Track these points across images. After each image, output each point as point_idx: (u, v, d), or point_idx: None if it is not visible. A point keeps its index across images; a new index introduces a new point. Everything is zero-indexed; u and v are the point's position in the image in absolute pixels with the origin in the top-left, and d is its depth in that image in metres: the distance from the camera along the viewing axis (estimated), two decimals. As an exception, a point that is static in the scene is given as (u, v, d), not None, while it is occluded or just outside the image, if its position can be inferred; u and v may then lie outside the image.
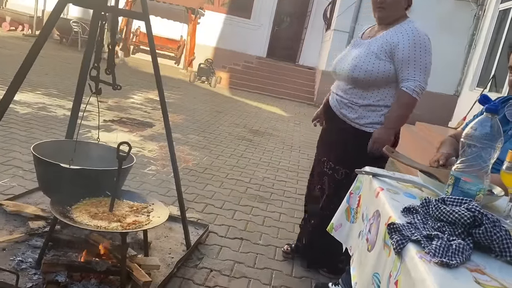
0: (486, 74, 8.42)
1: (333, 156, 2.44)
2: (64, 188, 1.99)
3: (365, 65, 2.20)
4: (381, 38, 2.22)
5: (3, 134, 3.92)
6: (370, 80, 2.22)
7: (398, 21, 2.23)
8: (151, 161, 4.09)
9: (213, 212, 3.20)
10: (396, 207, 1.12)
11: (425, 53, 2.14)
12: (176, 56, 14.18)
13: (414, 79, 2.14)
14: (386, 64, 2.18)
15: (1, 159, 3.38)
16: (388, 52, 2.18)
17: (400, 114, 2.21)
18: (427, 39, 2.17)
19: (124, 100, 6.79)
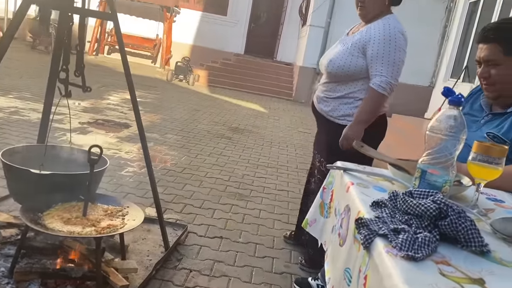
0: (459, 65, 8.58)
1: (320, 149, 2.55)
2: (35, 194, 1.95)
3: (338, 60, 2.27)
4: (357, 35, 2.28)
5: (-27, 141, 3.82)
6: (342, 75, 2.27)
7: (378, 17, 2.27)
8: (128, 162, 4.03)
9: (192, 212, 3.18)
10: (366, 201, 1.12)
11: (395, 49, 2.17)
12: (153, 55, 14.04)
13: (381, 74, 2.17)
14: (358, 60, 2.23)
15: (-28, 166, 3.29)
16: (361, 48, 2.22)
17: (367, 109, 2.24)
18: (400, 35, 2.19)
19: (100, 101, 6.69)
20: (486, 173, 1.15)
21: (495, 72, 1.54)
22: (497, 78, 1.55)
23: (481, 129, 1.63)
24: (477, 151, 1.14)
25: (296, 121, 8.32)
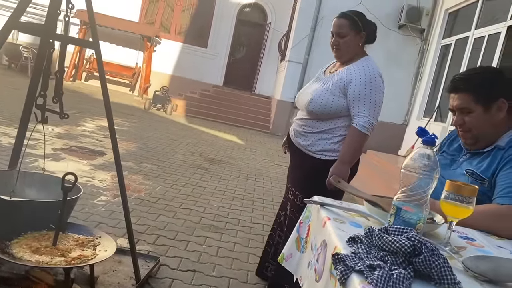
0: (431, 104, 8.87)
1: (294, 182, 2.55)
2: (4, 221, 1.88)
3: (320, 99, 2.32)
4: (338, 75, 2.35)
5: None
6: (324, 113, 2.33)
7: (355, 58, 2.36)
8: (101, 191, 3.95)
9: (165, 243, 3.12)
10: (342, 236, 1.13)
11: (376, 91, 2.26)
12: (131, 84, 14.03)
13: (364, 115, 2.24)
14: (339, 99, 2.30)
15: None
16: (342, 89, 2.29)
17: (352, 149, 2.29)
18: (379, 77, 2.29)
19: (75, 128, 6.59)
20: (458, 212, 1.18)
21: (469, 119, 1.62)
22: (471, 125, 1.62)
23: (460, 166, 1.68)
24: (449, 189, 1.18)
25: (272, 154, 8.37)
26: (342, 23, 2.34)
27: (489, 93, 1.58)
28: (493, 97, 1.58)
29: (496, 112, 1.59)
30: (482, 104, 1.59)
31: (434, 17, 9.59)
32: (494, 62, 6.17)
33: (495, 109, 1.59)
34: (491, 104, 1.58)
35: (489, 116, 1.59)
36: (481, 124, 1.61)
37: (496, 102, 1.58)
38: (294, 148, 2.53)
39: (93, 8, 2.20)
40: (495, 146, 1.61)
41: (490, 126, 1.61)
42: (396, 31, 10.48)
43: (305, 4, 10.74)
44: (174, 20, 14.29)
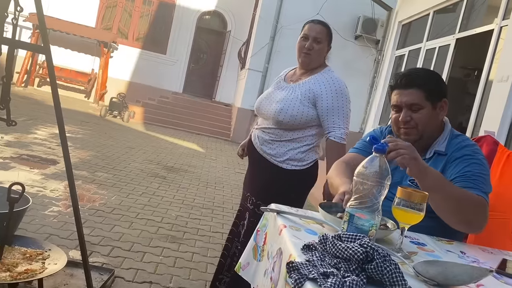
0: (386, 113, 9.16)
1: (255, 191, 2.46)
2: None
3: (290, 110, 2.28)
4: (304, 85, 2.32)
5: None
6: (294, 124, 2.30)
7: (319, 68, 2.37)
8: (53, 201, 3.80)
9: (120, 255, 3.03)
10: (297, 244, 1.13)
11: (346, 101, 2.30)
12: (87, 90, 13.63)
13: (340, 127, 2.27)
14: (309, 110, 2.29)
15: None
16: (311, 100, 2.28)
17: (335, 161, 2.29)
18: (346, 88, 2.33)
19: (26, 135, 6.32)
20: (409, 218, 1.22)
21: (417, 116, 1.63)
22: (419, 121, 1.63)
23: (404, 177, 1.70)
24: (400, 196, 1.21)
25: (233, 161, 8.36)
26: (322, 30, 2.35)
27: (437, 92, 1.64)
28: (440, 96, 1.65)
29: (439, 111, 1.66)
30: (431, 102, 1.63)
31: (388, 29, 9.94)
32: (444, 72, 6.45)
33: (439, 108, 1.65)
34: (437, 103, 1.64)
35: (435, 114, 1.65)
36: (428, 121, 1.64)
37: (441, 101, 1.65)
38: (258, 156, 2.44)
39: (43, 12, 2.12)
40: (434, 152, 1.66)
41: (433, 124, 1.66)
42: (353, 41, 10.78)
43: (265, 14, 10.86)
44: (132, 26, 14.05)
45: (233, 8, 13.88)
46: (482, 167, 1.57)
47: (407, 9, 8.61)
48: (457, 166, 1.58)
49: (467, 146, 1.63)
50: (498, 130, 4.54)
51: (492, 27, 5.43)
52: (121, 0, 13.88)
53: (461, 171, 1.55)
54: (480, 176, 1.53)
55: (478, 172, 1.53)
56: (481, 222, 1.47)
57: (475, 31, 5.94)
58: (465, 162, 1.57)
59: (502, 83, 4.81)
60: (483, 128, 4.93)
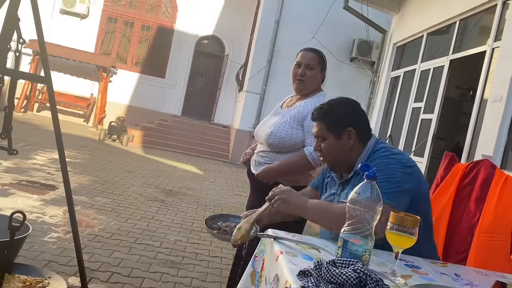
0: (383, 133, 9.23)
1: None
2: None
3: (279, 132, 2.39)
4: (296, 108, 2.44)
5: None
6: (284, 146, 2.40)
7: (312, 93, 2.47)
8: (53, 227, 3.80)
9: (120, 281, 3.02)
10: (293, 270, 1.16)
11: None
12: (86, 114, 13.72)
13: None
14: (298, 132, 2.38)
15: None
16: (299, 121, 2.39)
17: (290, 164, 2.37)
18: None
19: (25, 161, 6.35)
20: (402, 241, 1.25)
21: (324, 145, 1.79)
22: (326, 151, 1.79)
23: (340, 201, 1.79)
24: (393, 221, 1.24)
25: (232, 184, 8.37)
26: (313, 57, 2.46)
27: (339, 123, 1.76)
28: (342, 126, 1.75)
29: (346, 140, 1.76)
30: (334, 133, 1.76)
31: (383, 51, 10.10)
32: (439, 93, 6.53)
33: (345, 137, 1.76)
34: (342, 133, 1.75)
35: (341, 143, 1.76)
36: (334, 150, 1.77)
37: (345, 131, 1.75)
38: (254, 179, 2.53)
39: (44, 42, 2.18)
40: (354, 172, 1.75)
41: (342, 152, 1.77)
42: (348, 63, 10.94)
43: (261, 38, 11.06)
44: (131, 51, 14.24)
45: (230, 33, 14.11)
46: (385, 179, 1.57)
47: (401, 32, 8.77)
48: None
49: (377, 159, 1.69)
50: (493, 152, 4.58)
51: (485, 49, 5.53)
52: (120, 26, 14.11)
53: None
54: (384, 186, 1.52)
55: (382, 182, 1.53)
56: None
57: (468, 52, 6.05)
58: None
59: (496, 103, 4.88)
60: (479, 149, 4.97)
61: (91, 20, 13.73)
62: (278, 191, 1.69)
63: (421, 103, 7.20)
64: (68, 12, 13.33)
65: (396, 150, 1.75)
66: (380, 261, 1.38)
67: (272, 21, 11.18)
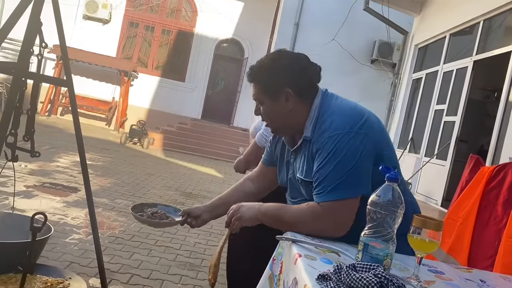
0: (405, 136, 9.08)
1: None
2: (-32, 265, 1.82)
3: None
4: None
5: None
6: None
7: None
8: (74, 229, 3.85)
9: (139, 283, 3.04)
10: (312, 274, 1.14)
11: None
12: (107, 118, 13.94)
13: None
14: None
15: None
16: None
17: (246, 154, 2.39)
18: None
19: (48, 164, 6.47)
20: (425, 246, 1.21)
21: (263, 109, 1.62)
22: (265, 115, 1.63)
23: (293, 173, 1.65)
24: (415, 225, 1.20)
25: (250, 187, 8.34)
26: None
27: (273, 83, 1.55)
28: (277, 86, 1.55)
29: (284, 102, 1.56)
30: (268, 94, 1.57)
31: (404, 52, 9.96)
32: (462, 94, 6.40)
33: (283, 99, 1.56)
34: (277, 94, 1.56)
35: (278, 106, 1.56)
36: (272, 114, 1.60)
37: (282, 92, 1.55)
38: None
39: (66, 47, 2.22)
40: (303, 139, 1.55)
41: (282, 115, 1.57)
42: (369, 65, 10.82)
43: (281, 40, 11.04)
44: (152, 55, 14.42)
45: (250, 36, 14.14)
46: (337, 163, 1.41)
47: (423, 33, 8.63)
48: (316, 161, 1.48)
49: (324, 132, 1.48)
50: (519, 153, 4.46)
51: (510, 49, 5.39)
52: (141, 30, 14.30)
53: (315, 172, 1.47)
54: (327, 177, 1.42)
55: (329, 172, 1.42)
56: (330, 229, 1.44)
57: (493, 53, 5.91)
58: (319, 159, 1.46)
59: (522, 104, 4.75)
60: (505, 151, 4.84)
61: (113, 25, 13.96)
62: (231, 213, 1.59)
63: (443, 105, 7.06)
64: (90, 17, 13.58)
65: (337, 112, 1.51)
66: (402, 266, 1.34)
67: (292, 24, 11.15)
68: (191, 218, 1.87)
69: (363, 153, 1.42)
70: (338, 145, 1.42)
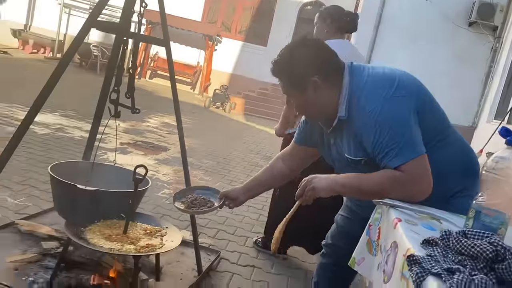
0: (503, 105, 8.35)
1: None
2: (79, 209, 2.00)
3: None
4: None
5: (21, 154, 3.98)
6: None
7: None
8: (165, 184, 4.10)
9: (225, 238, 3.18)
10: (415, 238, 1.09)
11: None
12: (192, 82, 14.41)
13: None
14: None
15: (18, 178, 3.43)
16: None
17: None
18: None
19: (140, 124, 6.88)
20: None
21: (294, 103, 1.59)
22: (298, 107, 1.59)
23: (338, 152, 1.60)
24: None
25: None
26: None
27: (298, 76, 1.49)
28: (303, 78, 1.49)
29: (314, 92, 1.49)
30: (296, 89, 1.52)
31: (509, 14, 9.01)
32: None
33: (311, 90, 1.49)
34: (305, 86, 1.49)
35: (309, 97, 1.51)
36: (305, 105, 1.55)
37: (309, 82, 1.48)
38: None
39: (164, 7, 2.29)
40: (338, 118, 1.50)
41: (315, 106, 1.53)
42: (466, 28, 9.93)
43: (368, 2, 10.49)
44: (236, 19, 14.49)
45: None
46: (390, 130, 1.38)
47: (533, -9, 7.73)
48: (367, 141, 1.44)
49: (362, 109, 1.43)
50: None
51: None
52: (226, -5, 14.38)
53: (372, 150, 1.43)
54: (388, 146, 1.39)
55: (387, 141, 1.39)
56: (417, 190, 1.39)
57: None
58: (370, 138, 1.42)
59: None
60: None
61: (199, -10, 14.17)
62: (303, 184, 1.54)
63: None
64: (177, -18, 13.89)
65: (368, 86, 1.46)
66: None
67: (380, -16, 10.52)
68: (228, 200, 1.91)
69: (407, 114, 1.41)
70: (382, 116, 1.40)
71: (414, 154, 1.39)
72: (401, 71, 1.53)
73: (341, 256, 1.79)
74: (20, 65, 10.85)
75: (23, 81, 8.36)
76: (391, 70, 1.51)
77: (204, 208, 1.88)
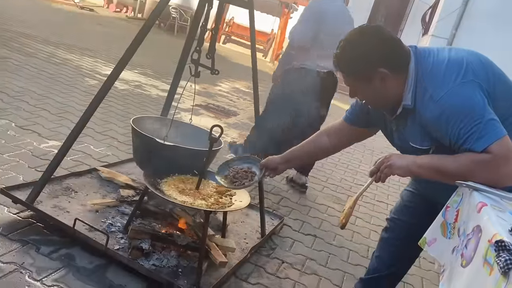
0: None
1: None
2: (157, 162, 2.10)
3: None
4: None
5: (103, 107, 4.20)
6: None
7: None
8: (233, 148, 4.18)
9: (288, 205, 3.21)
10: (503, 225, 1.04)
11: None
12: (265, 49, 14.35)
13: None
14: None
15: (99, 128, 3.65)
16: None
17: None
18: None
19: (212, 87, 7.02)
20: None
21: (359, 94, 1.55)
22: (364, 98, 1.56)
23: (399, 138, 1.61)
24: None
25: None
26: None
27: (364, 68, 1.45)
28: (369, 70, 1.45)
29: (380, 83, 1.46)
30: (362, 81, 1.48)
31: None
32: None
33: (378, 80, 1.45)
34: (372, 77, 1.45)
35: (376, 88, 1.47)
36: (373, 97, 1.52)
37: (375, 75, 1.44)
38: None
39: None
40: (403, 107, 1.48)
41: (382, 95, 1.50)
42: None
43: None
44: (314, -13, 14.09)
45: (422, -31, 12.78)
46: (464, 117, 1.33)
47: None
48: (442, 130, 1.40)
49: (431, 98, 1.39)
50: None
51: None
52: (306, -39, 13.98)
53: (450, 139, 1.38)
54: (467, 132, 1.34)
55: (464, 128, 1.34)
56: (498, 176, 1.32)
57: None
58: (444, 126, 1.38)
59: None
60: None
61: (278, -45, 13.87)
62: (380, 161, 1.53)
63: None
64: None
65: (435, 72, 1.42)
66: None
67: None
68: (268, 170, 1.92)
69: (479, 97, 1.36)
70: (453, 104, 1.36)
71: (497, 135, 1.33)
72: (468, 51, 1.49)
73: (404, 230, 1.86)
74: (104, 23, 11.37)
75: (106, 38, 8.78)
76: (456, 54, 1.47)
77: (246, 181, 1.91)
